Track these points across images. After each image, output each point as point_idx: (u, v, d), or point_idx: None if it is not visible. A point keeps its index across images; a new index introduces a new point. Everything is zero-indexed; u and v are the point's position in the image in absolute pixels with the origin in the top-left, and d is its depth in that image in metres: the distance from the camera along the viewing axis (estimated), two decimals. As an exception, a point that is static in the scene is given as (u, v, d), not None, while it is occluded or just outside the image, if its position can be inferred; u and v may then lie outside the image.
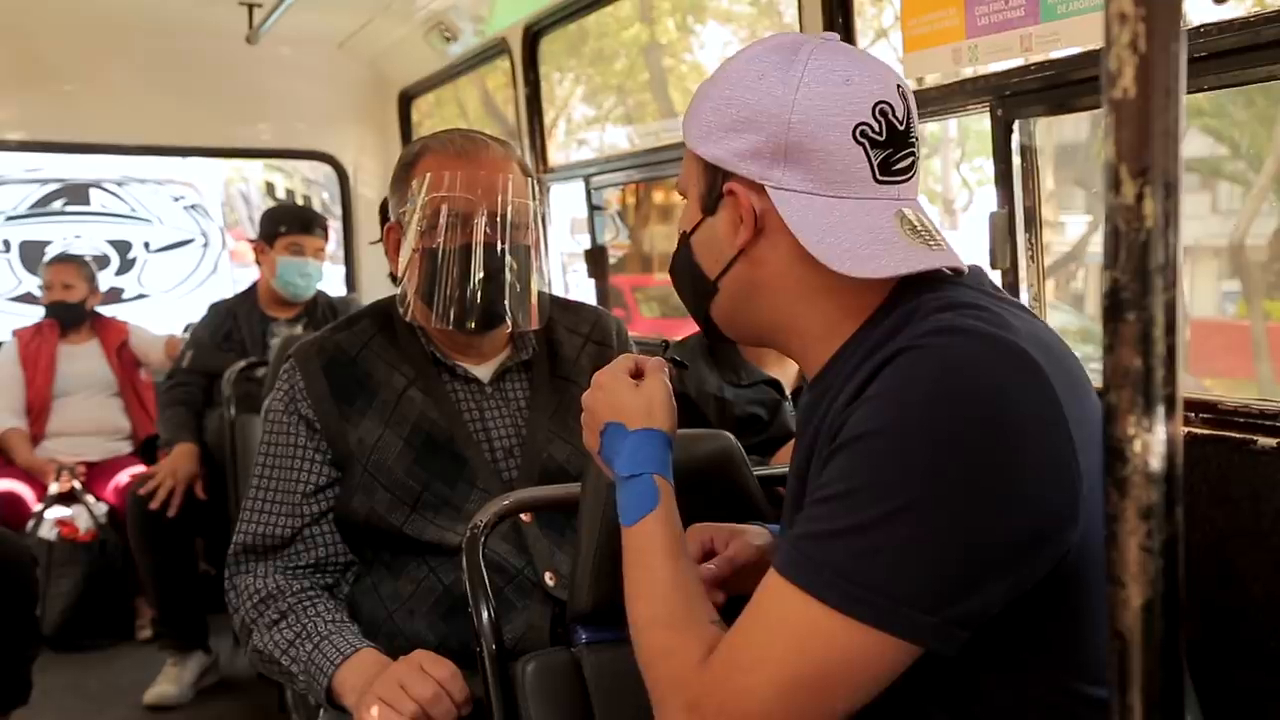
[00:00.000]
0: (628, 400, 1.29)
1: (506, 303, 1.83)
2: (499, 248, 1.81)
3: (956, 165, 13.09)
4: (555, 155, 4.18)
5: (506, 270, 1.81)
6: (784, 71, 1.12)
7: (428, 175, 1.82)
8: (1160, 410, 0.61)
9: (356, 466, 1.81)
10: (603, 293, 3.90)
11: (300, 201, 9.55)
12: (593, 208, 3.89)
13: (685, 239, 1.24)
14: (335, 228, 4.85)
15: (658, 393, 1.30)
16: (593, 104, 12.90)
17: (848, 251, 1.09)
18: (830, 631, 0.96)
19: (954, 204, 13.08)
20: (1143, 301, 0.61)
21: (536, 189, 1.89)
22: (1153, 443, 0.61)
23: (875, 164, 1.11)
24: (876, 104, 1.11)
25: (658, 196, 11.20)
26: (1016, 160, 2.08)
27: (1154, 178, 0.60)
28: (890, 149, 1.12)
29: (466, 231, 1.80)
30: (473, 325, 1.82)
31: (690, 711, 1.04)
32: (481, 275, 1.80)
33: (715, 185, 1.17)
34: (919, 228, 1.13)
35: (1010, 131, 2.06)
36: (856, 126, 1.10)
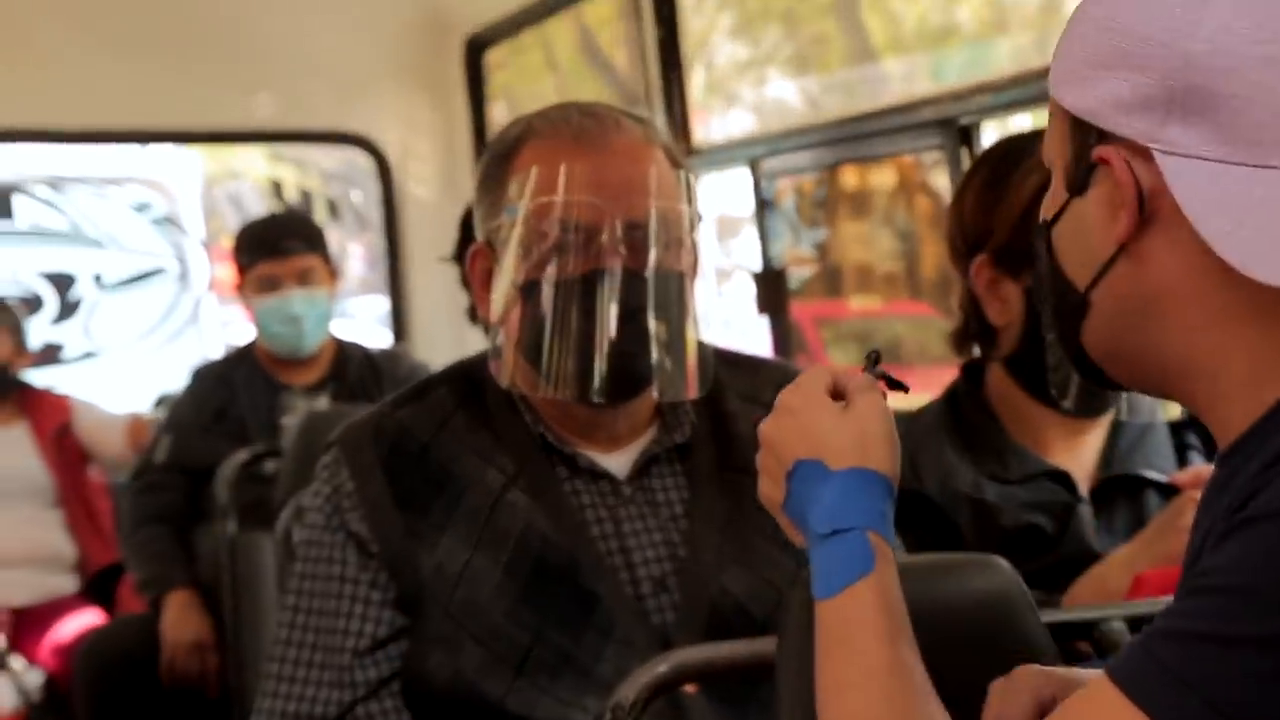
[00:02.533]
0: (830, 428, 1.34)
1: (651, 359, 1.86)
2: (641, 276, 1.85)
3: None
4: (697, 126, 4.24)
5: (650, 310, 1.85)
6: None
7: (533, 171, 1.86)
8: None
9: (434, 609, 1.85)
10: (781, 334, 3.93)
11: (322, 208, 9.72)
12: (762, 203, 3.93)
13: (1045, 231, 1.26)
14: (374, 242, 4.93)
15: (874, 420, 1.34)
16: (746, 41, 12.96)
17: (1276, 249, 1.08)
18: None
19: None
20: None
21: (691, 188, 1.94)
22: None
23: None
24: None
25: (848, 180, 11.11)
26: None
27: None
28: None
29: (592, 253, 1.84)
30: (601, 397, 1.85)
31: None
32: (615, 318, 1.84)
33: (1085, 151, 1.19)
34: None
35: None
36: None
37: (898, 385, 1.47)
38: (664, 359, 1.87)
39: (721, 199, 4.15)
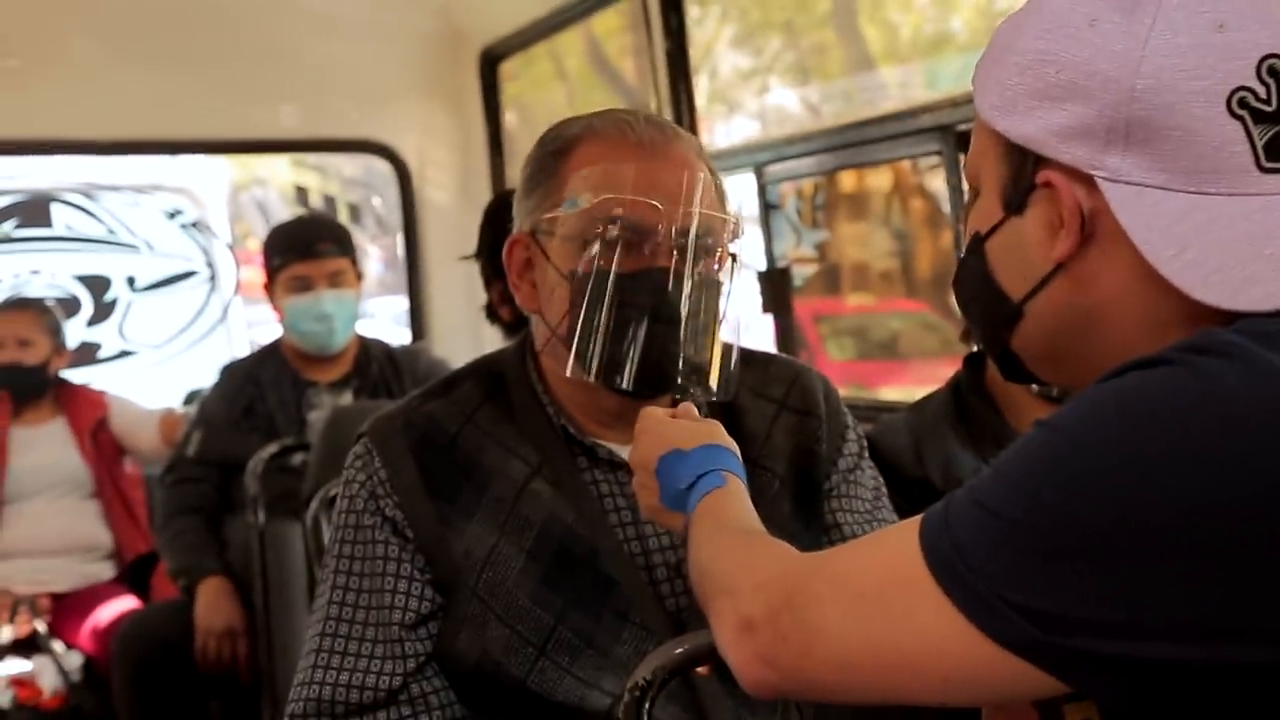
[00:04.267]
0: (678, 428, 1.68)
1: (687, 358, 1.86)
2: (687, 279, 1.84)
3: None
4: (703, 133, 4.25)
5: (692, 312, 1.85)
6: (1127, 16, 1.15)
7: (600, 167, 1.86)
8: None
9: (463, 590, 1.86)
10: (786, 333, 3.94)
11: (345, 213, 9.75)
12: (768, 207, 3.94)
13: (978, 244, 1.30)
14: (392, 245, 4.92)
15: (713, 423, 1.71)
16: (749, 50, 12.94)
17: (1217, 271, 1.12)
18: (918, 593, 1.13)
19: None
20: None
21: (728, 202, 1.95)
22: None
23: (1260, 145, 1.13)
24: (1264, 59, 1.14)
25: (846, 183, 11.11)
26: None
27: None
28: None
29: (647, 252, 1.84)
30: (635, 386, 1.83)
31: (760, 591, 1.27)
32: (660, 316, 1.83)
33: (1024, 174, 1.23)
34: None
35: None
36: (1233, 94, 1.13)
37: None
38: (700, 360, 1.87)
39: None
